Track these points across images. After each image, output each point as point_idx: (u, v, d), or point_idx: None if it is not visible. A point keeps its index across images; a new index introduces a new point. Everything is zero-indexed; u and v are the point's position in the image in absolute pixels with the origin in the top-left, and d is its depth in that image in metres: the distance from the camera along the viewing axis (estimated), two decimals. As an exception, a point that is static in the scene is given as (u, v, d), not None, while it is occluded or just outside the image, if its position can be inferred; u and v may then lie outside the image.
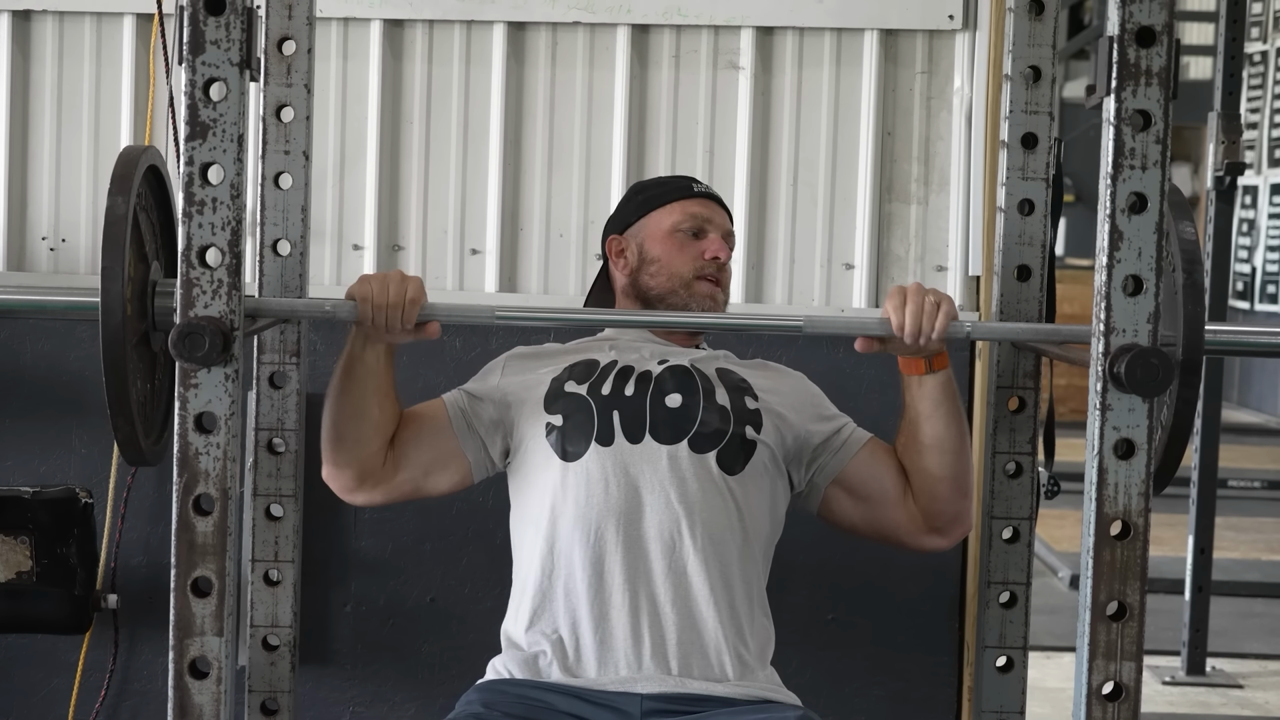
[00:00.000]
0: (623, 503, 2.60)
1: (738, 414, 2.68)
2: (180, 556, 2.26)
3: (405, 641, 3.54)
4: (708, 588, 2.58)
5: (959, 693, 3.45)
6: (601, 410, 2.65)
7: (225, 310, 2.24)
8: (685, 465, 2.62)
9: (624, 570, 2.58)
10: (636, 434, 2.64)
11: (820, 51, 3.48)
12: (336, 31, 3.46)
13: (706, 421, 2.66)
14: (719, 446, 2.65)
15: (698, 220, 2.82)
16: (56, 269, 3.55)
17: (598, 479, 2.61)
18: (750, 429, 2.68)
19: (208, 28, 2.24)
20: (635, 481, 2.61)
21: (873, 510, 2.75)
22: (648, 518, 2.60)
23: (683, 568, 2.58)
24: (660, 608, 2.57)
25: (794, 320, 2.66)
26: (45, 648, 3.53)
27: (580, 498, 2.61)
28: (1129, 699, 2.27)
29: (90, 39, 3.53)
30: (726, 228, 2.86)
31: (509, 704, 2.52)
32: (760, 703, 2.55)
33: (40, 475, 3.45)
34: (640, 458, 2.62)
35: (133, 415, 2.42)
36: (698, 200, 2.86)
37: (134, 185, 2.43)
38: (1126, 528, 2.26)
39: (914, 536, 2.75)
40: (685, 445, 2.64)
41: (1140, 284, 2.24)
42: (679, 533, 2.59)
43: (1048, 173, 2.84)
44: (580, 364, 2.74)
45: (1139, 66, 2.23)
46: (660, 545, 2.58)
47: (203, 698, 2.26)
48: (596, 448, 2.62)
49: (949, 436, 2.67)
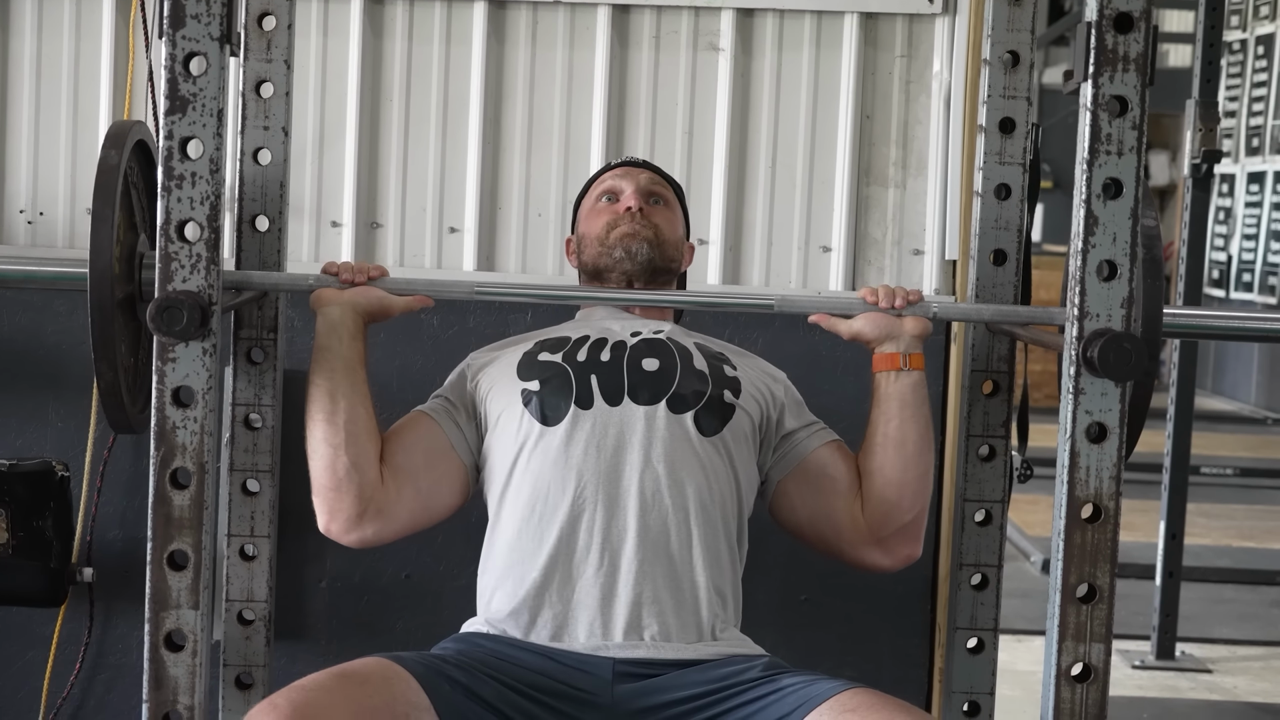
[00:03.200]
0: (602, 464, 2.60)
1: (716, 378, 2.70)
2: (157, 530, 2.27)
3: (380, 618, 3.55)
4: (686, 548, 2.59)
5: (930, 673, 3.47)
6: (579, 375, 2.66)
7: (203, 285, 2.25)
8: (663, 426, 2.63)
9: (601, 532, 2.59)
10: (615, 396, 2.65)
11: (800, 34, 3.49)
12: (317, 7, 3.46)
13: (684, 383, 2.67)
14: (697, 408, 2.66)
15: (611, 187, 2.90)
16: (34, 242, 3.54)
17: (578, 441, 2.62)
18: (729, 393, 2.69)
19: (188, 2, 2.24)
20: (615, 443, 2.62)
21: (819, 501, 2.73)
22: (626, 478, 2.60)
23: (660, 528, 2.59)
24: (635, 569, 2.57)
25: (766, 300, 2.68)
26: (20, 621, 3.53)
27: (560, 460, 2.61)
28: (1097, 680, 2.29)
29: (70, 13, 3.51)
30: (642, 184, 2.89)
31: (482, 656, 2.53)
32: (729, 657, 2.57)
33: (16, 448, 3.45)
34: (619, 419, 2.63)
35: (117, 368, 2.43)
36: (613, 171, 2.94)
37: (126, 144, 2.42)
38: (1098, 510, 2.28)
39: (855, 546, 2.72)
40: (664, 406, 2.64)
41: (1115, 269, 2.26)
42: (658, 492, 2.59)
43: (1025, 158, 2.86)
44: (552, 339, 2.76)
45: (1116, 52, 2.25)
46: (638, 506, 2.59)
47: (178, 670, 2.27)
48: (576, 410, 2.63)
49: (911, 439, 2.67)
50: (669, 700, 2.50)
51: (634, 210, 2.82)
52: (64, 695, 3.56)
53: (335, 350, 2.62)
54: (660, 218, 2.86)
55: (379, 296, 2.63)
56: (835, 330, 2.68)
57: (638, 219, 2.82)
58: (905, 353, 2.64)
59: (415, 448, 2.70)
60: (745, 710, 2.46)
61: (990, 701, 2.85)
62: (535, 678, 2.51)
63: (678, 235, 2.90)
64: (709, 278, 3.45)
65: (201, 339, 2.24)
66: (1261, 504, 8.07)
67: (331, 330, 2.62)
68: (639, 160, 3.01)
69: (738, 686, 2.49)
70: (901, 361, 2.65)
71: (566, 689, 2.51)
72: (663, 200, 2.89)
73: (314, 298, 2.63)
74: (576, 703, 2.50)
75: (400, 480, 2.67)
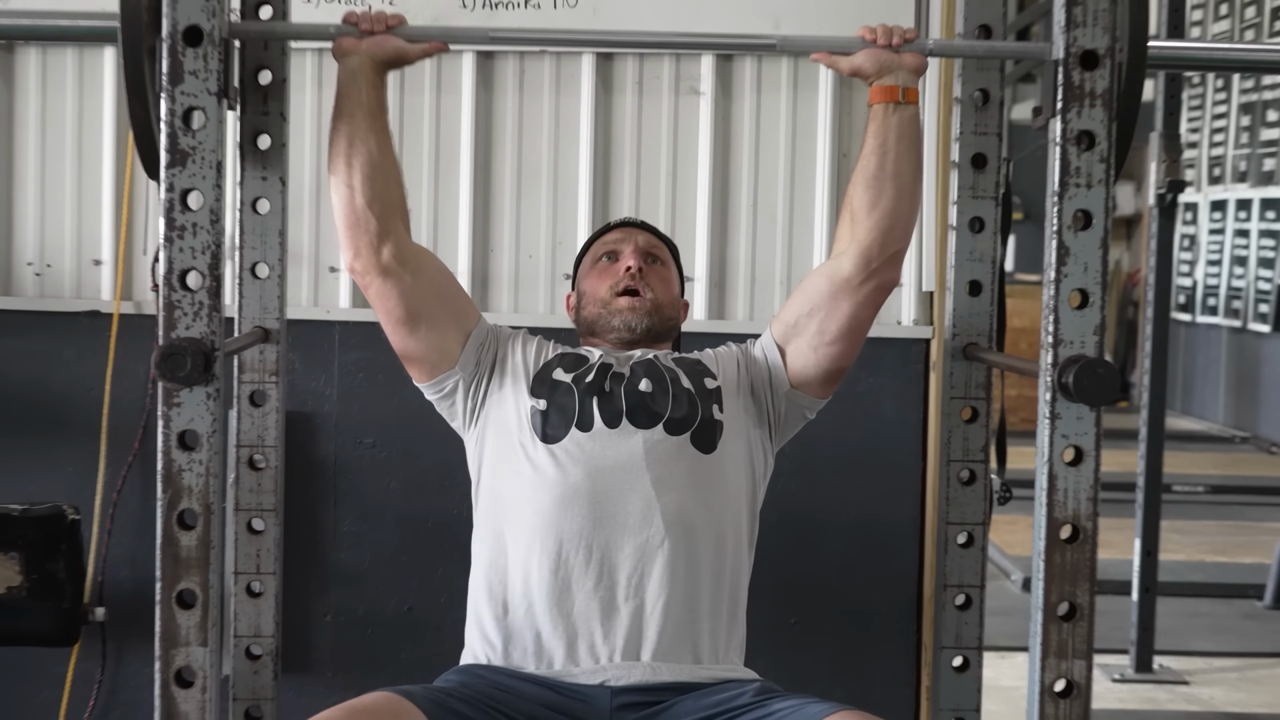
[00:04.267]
0: (600, 488, 2.59)
1: (702, 395, 2.69)
2: (165, 570, 2.25)
3: (384, 649, 3.54)
4: (683, 571, 2.58)
5: (917, 692, 3.46)
6: (583, 396, 2.66)
7: (206, 331, 2.24)
8: (661, 449, 2.62)
9: (601, 556, 2.57)
10: (614, 420, 2.64)
11: (778, 76, 3.49)
12: (311, 61, 3.46)
13: (677, 405, 2.66)
14: (692, 429, 2.65)
15: (612, 246, 2.88)
16: (42, 293, 3.53)
17: (578, 461, 2.61)
18: (715, 408, 2.69)
19: (186, 58, 2.23)
20: (612, 465, 2.61)
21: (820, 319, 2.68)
22: (623, 501, 2.59)
23: (657, 555, 2.57)
24: (633, 593, 2.56)
25: (769, 39, 2.66)
26: (35, 660, 3.51)
27: (556, 481, 2.60)
28: (1080, 696, 2.28)
29: (72, 69, 3.51)
30: (639, 243, 2.88)
31: (484, 688, 2.51)
32: (723, 683, 2.55)
33: (28, 493, 3.44)
34: (618, 442, 2.62)
35: (151, 125, 2.40)
36: (614, 231, 2.93)
37: None
38: (1076, 531, 2.27)
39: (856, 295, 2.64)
40: (661, 429, 2.64)
41: (1086, 297, 2.26)
42: (654, 516, 2.58)
43: (997, 191, 2.86)
44: (571, 355, 2.75)
45: (1083, 89, 2.25)
46: (636, 530, 2.58)
47: (188, 706, 2.25)
48: (576, 433, 2.63)
49: (906, 171, 2.62)
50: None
51: (633, 270, 2.82)
52: (78, 732, 3.54)
53: (355, 97, 2.59)
54: (657, 278, 2.85)
55: (396, 44, 2.58)
56: (836, 67, 2.64)
57: (637, 280, 2.81)
58: (903, 85, 2.60)
59: (454, 289, 2.75)
60: (738, 737, 2.45)
61: (977, 718, 2.84)
62: (537, 710, 2.50)
63: (673, 295, 2.89)
64: (696, 313, 3.45)
65: (205, 384, 2.23)
66: (1232, 520, 8.06)
67: (351, 78, 2.59)
68: (637, 221, 3.00)
69: (731, 712, 2.48)
70: (900, 94, 2.60)
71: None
72: (659, 260, 2.88)
73: (335, 46, 2.60)
74: (578, 733, 2.50)
75: (428, 267, 2.69)
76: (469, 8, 3.44)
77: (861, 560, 3.52)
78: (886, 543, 3.50)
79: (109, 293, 3.53)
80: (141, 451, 3.48)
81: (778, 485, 2.79)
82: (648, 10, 3.42)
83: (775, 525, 2.85)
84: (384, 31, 2.57)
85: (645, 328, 2.80)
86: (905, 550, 3.49)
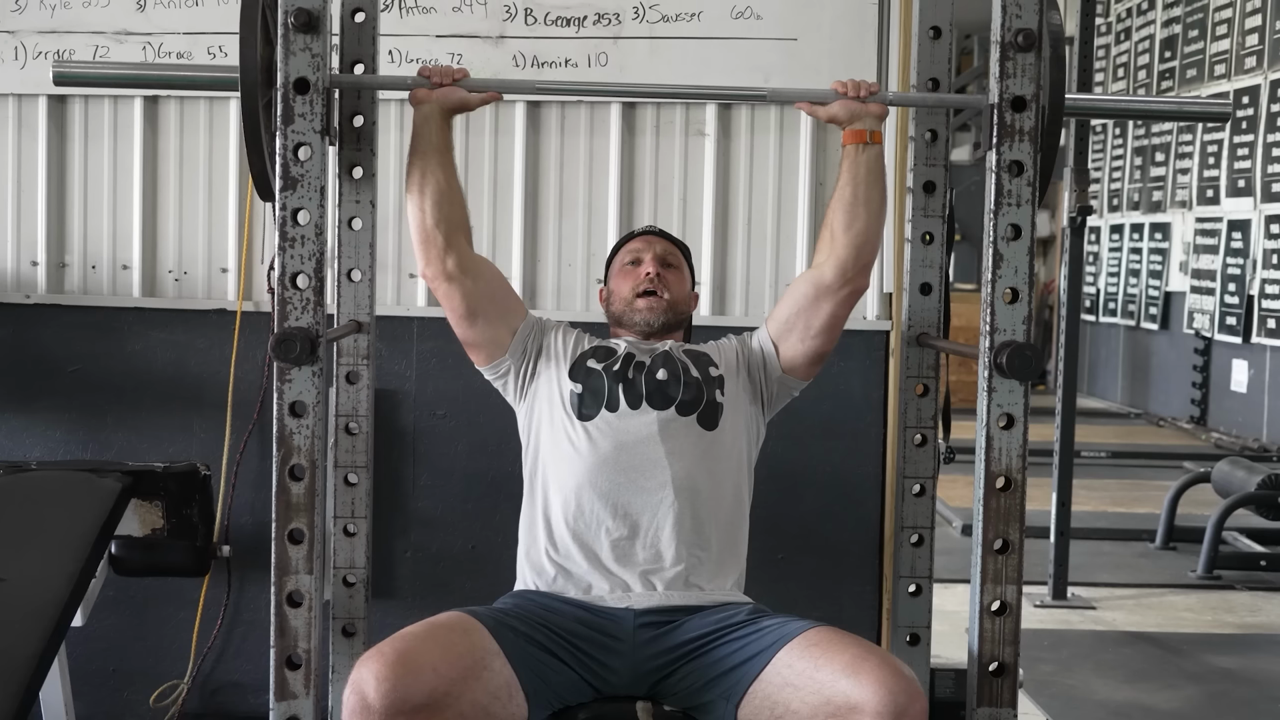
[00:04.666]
0: (624, 457, 2.58)
1: (707, 383, 2.67)
2: (279, 513, 2.24)
3: (453, 579, 3.53)
4: (689, 523, 2.56)
5: (880, 613, 3.45)
6: (611, 383, 2.64)
7: (311, 322, 2.23)
8: (674, 426, 2.61)
9: (625, 510, 2.56)
10: (636, 402, 2.62)
11: (768, 121, 3.47)
12: (395, 110, 3.45)
13: (686, 390, 2.64)
14: (698, 410, 2.63)
15: (635, 253, 2.84)
16: (180, 295, 3.53)
17: (606, 436, 2.59)
18: (718, 392, 2.67)
19: (296, 104, 2.22)
20: (634, 439, 2.59)
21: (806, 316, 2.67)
22: (642, 469, 2.57)
23: (669, 509, 2.56)
24: (651, 540, 2.56)
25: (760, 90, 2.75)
26: (174, 588, 3.52)
27: (589, 452, 2.59)
28: (1012, 614, 2.26)
29: (204, 116, 3.51)
30: (658, 252, 2.84)
31: (533, 609, 2.50)
32: (723, 605, 2.54)
33: (169, 454, 3.44)
34: (639, 421, 2.61)
35: (264, 160, 2.38)
36: (638, 239, 2.89)
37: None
38: (1008, 482, 2.25)
39: (835, 296, 2.63)
40: (673, 410, 2.62)
41: (1017, 294, 2.24)
42: (666, 481, 2.57)
43: (943, 212, 2.83)
44: (602, 348, 2.73)
45: (1014, 126, 2.23)
46: (652, 490, 2.57)
47: (298, 622, 2.24)
48: (606, 413, 2.61)
49: (875, 199, 2.62)
50: (677, 642, 2.48)
51: (652, 275, 2.79)
52: (209, 645, 3.54)
53: (427, 137, 2.58)
54: (672, 279, 2.82)
55: (460, 95, 2.57)
56: (815, 114, 2.63)
57: (655, 283, 2.79)
58: (870, 130, 2.60)
59: (505, 291, 2.72)
60: (734, 646, 2.43)
61: (928, 634, 2.82)
62: (575, 626, 2.49)
63: (685, 292, 2.86)
64: (702, 310, 3.43)
65: (311, 364, 2.22)
66: (1129, 479, 8.03)
67: (424, 121, 2.58)
68: (656, 230, 2.94)
69: (728, 628, 2.47)
70: (868, 136, 2.60)
71: (600, 636, 2.49)
72: (674, 265, 2.85)
73: (411, 96, 2.59)
74: (608, 643, 2.48)
75: (485, 273, 2.67)
76: (521, 67, 3.42)
77: (835, 507, 3.51)
78: (855, 493, 3.49)
79: (233, 294, 3.52)
80: (259, 421, 3.47)
81: (768, 447, 2.78)
82: (664, 68, 3.40)
83: (766, 480, 2.83)
84: (451, 84, 2.56)
85: (662, 323, 2.78)
86: (870, 499, 3.47)
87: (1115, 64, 11.76)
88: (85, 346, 3.52)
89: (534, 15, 3.42)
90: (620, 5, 3.40)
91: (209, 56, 3.43)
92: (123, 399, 3.52)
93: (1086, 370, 12.04)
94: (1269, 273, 8.76)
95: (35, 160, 3.52)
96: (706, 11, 3.39)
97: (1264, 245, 8.81)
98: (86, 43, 3.44)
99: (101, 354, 3.52)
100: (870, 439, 3.47)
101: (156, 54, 3.43)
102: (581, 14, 3.41)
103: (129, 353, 3.52)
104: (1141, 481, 7.93)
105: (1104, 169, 11.79)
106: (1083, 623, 5.15)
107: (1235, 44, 9.41)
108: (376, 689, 2.19)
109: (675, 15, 3.40)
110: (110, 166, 3.51)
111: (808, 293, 2.66)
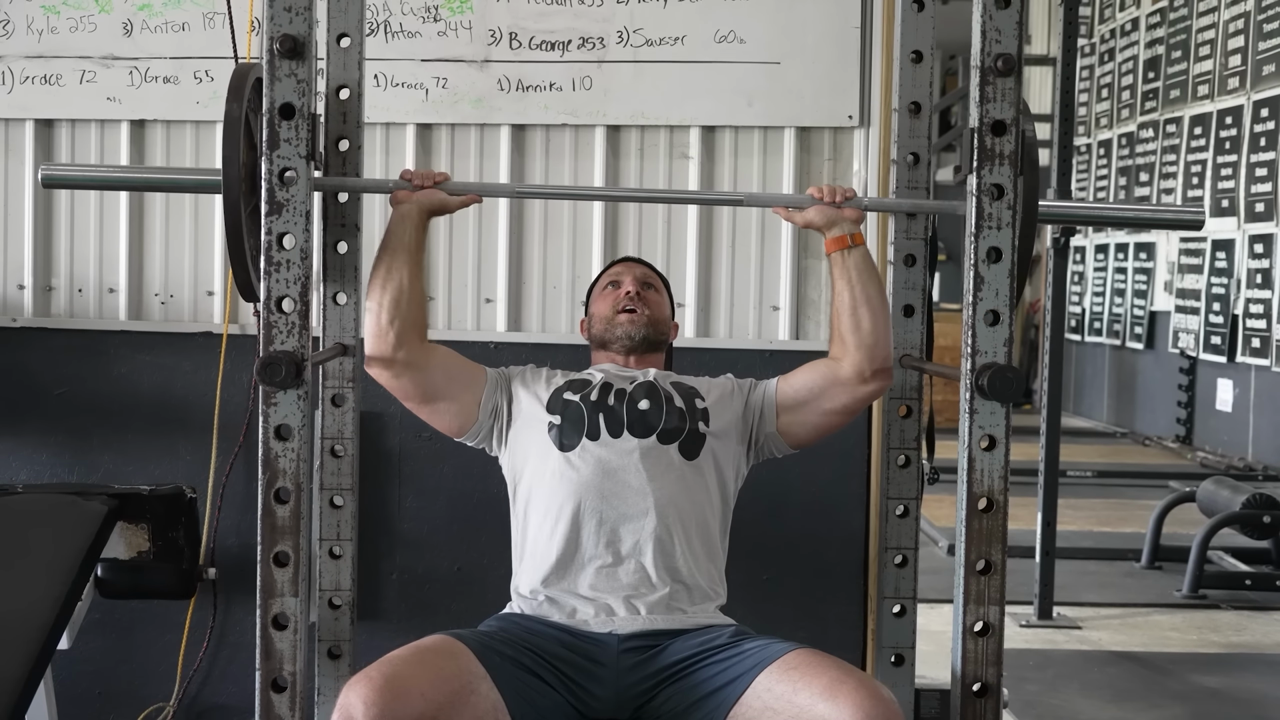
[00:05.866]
0: (607, 484, 2.59)
1: (691, 414, 2.68)
2: (265, 536, 2.25)
3: (439, 601, 3.53)
4: (671, 546, 2.58)
5: (864, 633, 3.45)
6: (591, 413, 2.65)
7: (297, 345, 2.23)
8: (655, 454, 2.62)
9: (608, 535, 2.58)
10: (617, 430, 2.64)
11: (751, 144, 3.49)
12: (380, 133, 3.46)
13: (669, 419, 2.66)
14: (679, 440, 2.65)
15: (615, 275, 2.89)
16: (166, 318, 3.53)
17: (590, 464, 2.61)
18: (702, 424, 2.68)
19: (281, 129, 2.24)
20: (617, 467, 2.61)
21: (819, 399, 2.69)
22: (624, 495, 2.59)
23: (651, 534, 2.57)
24: (633, 564, 2.57)
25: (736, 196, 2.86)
26: (160, 610, 3.51)
27: (573, 480, 2.60)
28: (995, 634, 2.27)
29: (190, 141, 3.52)
30: (637, 274, 2.88)
31: (519, 632, 2.52)
32: (705, 628, 2.55)
33: (155, 476, 3.44)
34: (621, 449, 2.62)
35: (247, 263, 2.41)
36: (617, 264, 2.95)
37: (245, 93, 2.39)
38: (990, 503, 2.26)
39: (853, 396, 2.66)
40: (654, 439, 2.64)
41: (997, 317, 2.25)
42: (649, 507, 2.58)
43: (926, 234, 2.85)
44: (577, 380, 2.74)
45: (995, 150, 2.25)
46: (635, 515, 2.58)
47: (283, 645, 2.25)
48: (587, 442, 2.63)
49: (874, 296, 2.64)
50: (660, 665, 2.49)
51: (632, 294, 2.82)
52: (195, 667, 3.54)
53: (400, 237, 2.59)
54: (652, 298, 2.85)
55: (440, 198, 2.60)
56: (792, 220, 2.66)
57: (635, 301, 2.81)
58: (849, 234, 2.62)
59: (459, 366, 2.70)
60: (715, 669, 2.44)
61: (913, 654, 2.83)
62: (560, 650, 2.50)
63: (665, 315, 2.89)
64: (686, 332, 3.44)
65: (297, 387, 2.22)
66: (1114, 498, 8.05)
67: (401, 221, 2.60)
68: (635, 257, 3.01)
69: (710, 651, 2.48)
70: (849, 240, 2.62)
71: (584, 660, 2.50)
72: (653, 287, 2.89)
73: (392, 197, 2.62)
74: (592, 668, 2.49)
75: (432, 360, 2.66)
76: (506, 90, 3.44)
77: (819, 528, 3.51)
78: (839, 514, 3.49)
79: (219, 317, 3.53)
80: (245, 443, 3.47)
81: (753, 468, 2.79)
82: (648, 91, 3.42)
83: (750, 501, 2.83)
84: (431, 186, 2.59)
85: (642, 336, 2.79)
86: (854, 519, 3.48)
87: (1099, 85, 11.83)
88: (71, 369, 3.52)
89: (519, 39, 3.43)
90: (604, 29, 3.42)
91: (195, 81, 3.44)
92: (109, 421, 3.52)
93: (1072, 389, 12.07)
94: (1253, 292, 8.80)
95: (22, 184, 3.53)
96: (690, 35, 3.42)
97: (1248, 265, 8.86)
98: (73, 68, 3.45)
99: (88, 377, 3.52)
100: (854, 460, 3.48)
101: (144, 78, 3.45)
102: (566, 38, 3.43)
103: (115, 375, 3.52)
104: (1127, 501, 7.95)
105: (1089, 189, 11.84)
106: (1068, 642, 5.16)
107: (1218, 65, 9.47)
108: (365, 714, 2.19)
109: (659, 39, 3.42)
110: (96, 190, 3.52)
111: (828, 376, 2.69)
